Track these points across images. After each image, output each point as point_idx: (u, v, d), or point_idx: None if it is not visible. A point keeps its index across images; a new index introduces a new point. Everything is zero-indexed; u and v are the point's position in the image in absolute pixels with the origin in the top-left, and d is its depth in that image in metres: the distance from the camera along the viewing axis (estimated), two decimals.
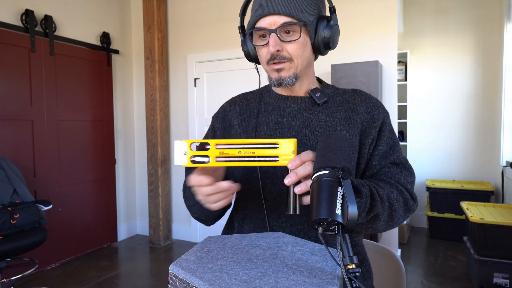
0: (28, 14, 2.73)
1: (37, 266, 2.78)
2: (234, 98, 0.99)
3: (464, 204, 2.75)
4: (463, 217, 3.41)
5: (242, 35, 0.90)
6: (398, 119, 3.74)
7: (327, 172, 0.55)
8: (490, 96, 3.63)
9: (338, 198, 0.51)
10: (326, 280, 0.51)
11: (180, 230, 3.68)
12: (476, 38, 3.67)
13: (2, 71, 2.61)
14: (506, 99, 3.25)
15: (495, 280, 2.38)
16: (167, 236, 3.60)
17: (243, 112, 0.94)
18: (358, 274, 0.47)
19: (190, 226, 3.63)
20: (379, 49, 2.79)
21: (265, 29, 0.79)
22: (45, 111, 2.90)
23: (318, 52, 0.86)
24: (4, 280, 2.46)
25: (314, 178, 0.56)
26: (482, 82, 3.66)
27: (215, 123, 0.98)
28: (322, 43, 0.82)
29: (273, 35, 0.78)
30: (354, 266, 0.47)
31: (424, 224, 3.97)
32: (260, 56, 0.85)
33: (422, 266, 2.91)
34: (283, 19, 0.77)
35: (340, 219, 0.50)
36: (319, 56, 0.90)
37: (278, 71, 0.82)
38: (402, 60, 3.74)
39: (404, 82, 3.70)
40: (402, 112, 3.84)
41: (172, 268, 0.56)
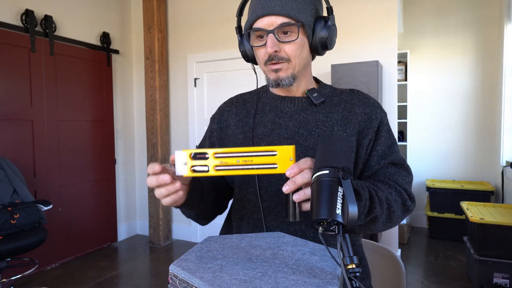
0: (28, 14, 2.73)
1: (37, 266, 2.77)
2: (231, 98, 1.00)
3: (464, 204, 2.75)
4: (463, 217, 3.41)
5: (240, 35, 0.90)
6: (398, 119, 3.74)
7: (327, 172, 0.55)
8: (490, 96, 3.63)
9: (339, 198, 0.51)
10: (326, 280, 0.51)
11: (180, 230, 3.68)
12: (476, 38, 3.67)
13: (2, 71, 2.61)
14: (506, 99, 3.25)
15: (495, 280, 2.38)
16: (167, 236, 3.60)
17: (240, 112, 0.94)
18: (358, 274, 0.47)
19: (190, 226, 3.63)
20: (379, 49, 2.79)
21: (262, 29, 0.79)
22: (45, 111, 2.90)
23: (316, 53, 0.86)
24: (4, 280, 2.46)
25: (314, 178, 0.56)
26: (482, 82, 3.66)
27: (212, 124, 0.98)
28: (319, 43, 0.82)
29: (270, 36, 0.78)
30: (354, 266, 0.47)
31: (424, 224, 3.97)
32: (258, 56, 0.84)
33: (422, 266, 2.91)
34: (280, 19, 0.77)
35: (340, 219, 0.50)
36: (319, 56, 0.90)
37: (276, 71, 0.82)
38: (402, 60, 3.74)
39: (404, 82, 3.70)
40: (402, 112, 3.84)
41: (172, 268, 0.56)
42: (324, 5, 0.87)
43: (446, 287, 2.54)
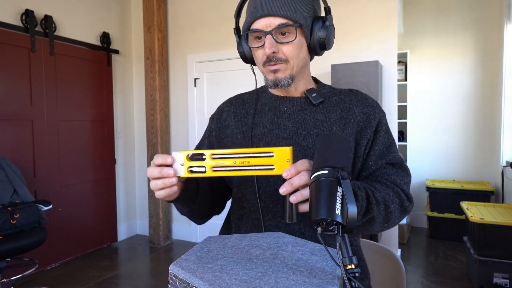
0: (28, 14, 2.73)
1: (37, 266, 2.78)
2: (231, 98, 1.00)
3: (464, 204, 2.75)
4: (463, 217, 3.41)
5: (238, 36, 0.90)
6: (398, 119, 3.74)
7: (326, 172, 0.55)
8: (490, 96, 3.63)
9: (338, 198, 0.51)
10: (326, 280, 0.51)
11: (180, 230, 3.68)
12: (476, 38, 3.67)
13: (2, 71, 2.61)
14: (506, 99, 3.25)
15: (495, 280, 2.38)
16: (167, 236, 3.60)
17: (239, 112, 0.94)
18: (357, 274, 0.47)
19: (190, 226, 3.63)
20: (379, 49, 2.79)
21: (260, 30, 0.79)
22: (45, 111, 2.90)
23: (314, 53, 0.86)
24: (4, 280, 2.46)
25: (313, 177, 0.56)
26: (482, 82, 3.66)
27: (211, 123, 0.98)
28: (317, 43, 0.82)
29: (268, 37, 0.78)
30: (353, 266, 0.47)
31: (424, 224, 3.97)
32: (256, 57, 0.85)
33: (422, 266, 2.91)
34: (278, 20, 0.77)
35: (339, 219, 0.50)
36: (317, 56, 0.90)
37: (274, 72, 0.82)
38: (402, 60, 3.74)
39: (404, 82, 3.70)
40: (402, 112, 3.84)
41: (172, 268, 0.56)
42: (322, 5, 0.87)
43: (446, 287, 2.54)
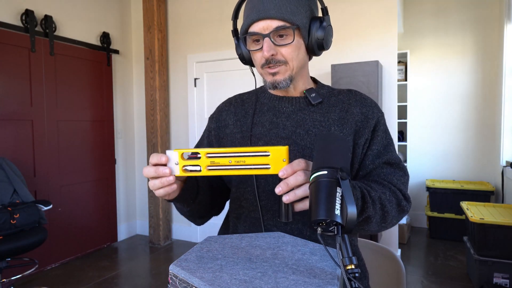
0: (28, 14, 2.73)
1: (37, 266, 2.78)
2: (230, 98, 1.00)
3: (464, 204, 2.75)
4: (463, 217, 3.41)
5: (236, 38, 0.91)
6: (398, 119, 3.74)
7: (325, 172, 0.55)
8: (490, 96, 3.63)
9: (337, 199, 0.51)
10: (326, 280, 0.51)
11: (180, 230, 3.68)
12: (476, 38, 3.67)
13: (2, 71, 2.61)
14: (506, 99, 3.25)
15: (495, 280, 2.38)
16: (167, 236, 3.60)
17: (238, 112, 0.94)
18: (357, 275, 0.47)
19: (190, 226, 3.63)
20: (379, 49, 2.79)
21: (258, 34, 0.79)
22: (45, 111, 2.90)
23: (312, 53, 0.86)
24: (4, 280, 2.46)
25: (313, 178, 0.56)
26: (482, 82, 3.66)
27: (210, 123, 0.99)
28: (315, 44, 0.83)
29: (266, 40, 0.78)
30: (353, 266, 0.47)
31: (424, 224, 3.97)
32: (255, 60, 0.85)
33: (422, 266, 2.91)
34: (275, 23, 0.77)
35: (339, 220, 0.50)
36: (317, 56, 0.91)
37: (273, 75, 0.82)
38: (402, 60, 3.74)
39: (404, 82, 3.70)
40: (402, 112, 3.84)
41: (172, 268, 0.56)
42: (319, 5, 0.87)
43: (446, 287, 2.54)
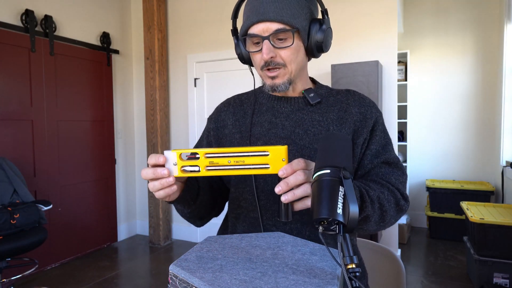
0: (28, 14, 2.73)
1: (37, 266, 2.78)
2: (229, 99, 1.00)
3: (464, 204, 2.75)
4: (463, 217, 3.41)
5: (235, 38, 0.91)
6: (398, 119, 3.74)
7: (328, 171, 0.55)
8: (490, 96, 3.63)
9: (340, 198, 0.51)
10: (326, 280, 0.51)
11: (180, 230, 3.68)
12: (476, 38, 3.67)
13: (2, 71, 2.61)
14: (506, 99, 3.25)
15: (495, 280, 2.38)
16: (167, 236, 3.60)
17: (237, 112, 0.94)
18: (358, 274, 0.47)
19: (190, 226, 3.63)
20: (379, 49, 2.79)
21: (257, 35, 0.79)
22: (45, 111, 2.90)
23: (311, 56, 0.86)
24: (4, 280, 2.46)
25: (316, 177, 0.56)
26: (482, 82, 3.66)
27: (209, 123, 0.99)
28: (315, 47, 0.83)
29: (266, 42, 0.78)
30: (354, 265, 0.47)
31: (424, 224, 3.97)
32: (254, 61, 0.85)
33: (422, 266, 2.91)
34: (275, 25, 0.77)
35: (341, 219, 0.50)
36: (316, 58, 0.91)
37: (272, 78, 0.83)
38: (402, 60, 3.73)
39: (404, 82, 3.70)
40: (402, 112, 3.84)
41: (172, 268, 0.56)
42: (320, 7, 0.87)
43: (446, 287, 2.54)
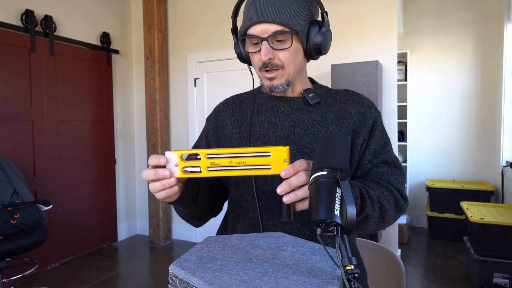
0: (28, 14, 2.73)
1: (37, 266, 2.78)
2: (227, 99, 1.00)
3: (464, 204, 2.75)
4: (463, 217, 3.41)
5: (235, 37, 0.91)
6: (398, 119, 3.74)
7: (325, 173, 0.55)
8: (490, 96, 3.63)
9: (337, 199, 0.51)
10: (326, 280, 0.51)
11: (180, 230, 3.68)
12: (476, 38, 3.67)
13: (2, 71, 2.61)
14: (506, 99, 3.25)
15: (495, 280, 2.38)
16: (167, 236, 3.60)
17: (236, 112, 0.94)
18: (357, 275, 0.47)
19: (190, 226, 3.63)
20: (379, 49, 2.79)
21: (257, 36, 0.79)
22: (45, 111, 2.90)
23: (310, 57, 0.86)
24: (4, 280, 2.46)
25: (313, 178, 0.56)
26: (482, 82, 3.66)
27: (208, 124, 0.99)
28: (314, 49, 0.83)
29: (264, 43, 0.78)
30: (353, 267, 0.47)
31: (424, 224, 3.97)
32: (253, 61, 0.86)
33: (422, 266, 2.92)
34: (274, 27, 0.78)
35: (339, 220, 0.50)
36: (315, 60, 0.91)
37: (270, 79, 0.83)
38: (402, 60, 3.73)
39: (404, 82, 3.70)
40: (402, 112, 3.84)
41: (172, 268, 0.56)
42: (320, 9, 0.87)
43: (446, 287, 2.54)
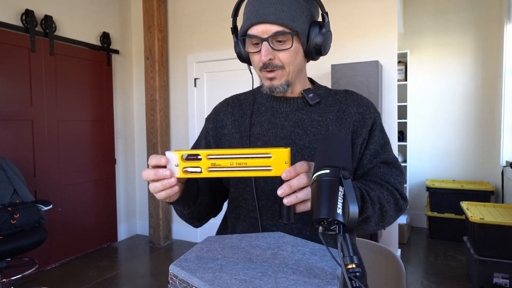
0: (28, 14, 2.73)
1: (37, 266, 2.78)
2: (227, 99, 1.00)
3: (464, 204, 2.75)
4: (463, 217, 3.41)
5: (235, 36, 0.91)
6: (398, 119, 3.74)
7: (328, 171, 0.55)
8: (490, 96, 3.63)
9: (339, 198, 0.51)
10: (326, 280, 0.51)
11: (180, 230, 3.68)
12: (476, 38, 3.67)
13: (2, 71, 2.61)
14: (506, 99, 3.25)
15: (495, 280, 2.38)
16: (167, 236, 3.60)
17: (236, 112, 0.94)
18: (358, 274, 0.47)
19: (190, 226, 3.63)
20: (379, 49, 2.79)
21: (257, 37, 0.79)
22: (45, 111, 2.90)
23: (310, 58, 0.86)
24: (4, 280, 2.46)
25: (315, 177, 0.56)
26: (482, 82, 3.66)
27: (208, 124, 0.98)
28: (314, 50, 0.83)
29: (265, 44, 0.78)
30: (354, 265, 0.47)
31: (424, 224, 3.97)
32: (253, 61, 0.86)
33: (422, 266, 2.91)
34: (275, 28, 0.77)
35: (341, 219, 0.50)
36: (314, 60, 0.91)
37: (270, 79, 0.83)
38: (402, 60, 3.73)
39: (404, 82, 3.70)
40: (402, 112, 3.84)
41: (172, 268, 0.56)
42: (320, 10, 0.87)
43: (446, 287, 2.54)
